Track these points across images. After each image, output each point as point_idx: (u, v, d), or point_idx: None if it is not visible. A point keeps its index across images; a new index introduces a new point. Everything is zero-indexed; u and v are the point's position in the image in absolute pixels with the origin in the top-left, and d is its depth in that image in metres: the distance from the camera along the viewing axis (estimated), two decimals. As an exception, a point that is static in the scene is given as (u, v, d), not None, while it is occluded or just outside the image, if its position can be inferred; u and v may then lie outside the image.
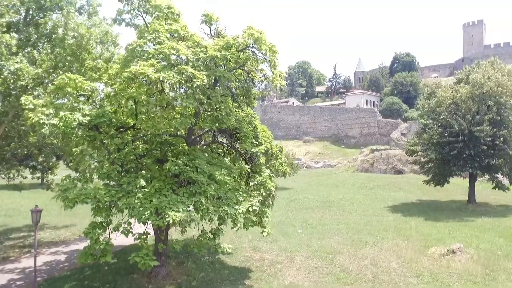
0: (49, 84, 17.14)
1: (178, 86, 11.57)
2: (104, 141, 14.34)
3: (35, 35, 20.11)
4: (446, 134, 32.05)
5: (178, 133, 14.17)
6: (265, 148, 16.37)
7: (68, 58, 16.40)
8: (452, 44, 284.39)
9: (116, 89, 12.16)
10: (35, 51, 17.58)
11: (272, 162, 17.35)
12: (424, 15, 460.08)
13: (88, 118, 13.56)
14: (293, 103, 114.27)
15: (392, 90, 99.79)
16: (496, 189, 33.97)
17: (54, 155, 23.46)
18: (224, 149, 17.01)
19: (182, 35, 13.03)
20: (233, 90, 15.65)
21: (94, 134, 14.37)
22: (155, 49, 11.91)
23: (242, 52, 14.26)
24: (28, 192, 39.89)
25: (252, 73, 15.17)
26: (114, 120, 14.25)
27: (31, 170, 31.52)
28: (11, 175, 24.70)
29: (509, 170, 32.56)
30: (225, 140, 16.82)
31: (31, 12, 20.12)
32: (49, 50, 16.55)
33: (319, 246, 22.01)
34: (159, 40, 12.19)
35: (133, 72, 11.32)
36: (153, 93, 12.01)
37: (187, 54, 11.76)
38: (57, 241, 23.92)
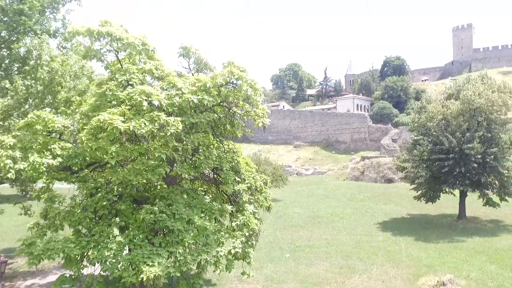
0: (20, 116, 16.24)
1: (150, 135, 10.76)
2: (75, 183, 13.51)
3: (7, 59, 19.20)
4: (436, 151, 31.59)
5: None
6: (248, 185, 15.68)
7: (39, 89, 15.46)
8: (442, 47, 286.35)
9: (84, 137, 11.31)
10: (7, 81, 16.64)
11: (256, 197, 16.59)
12: (415, 18, 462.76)
13: (60, 159, 12.72)
14: (283, 107, 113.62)
15: (383, 94, 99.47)
16: (487, 206, 33.55)
17: (30, 181, 22.45)
18: (205, 185, 16.22)
19: (157, 75, 12.22)
20: (216, 118, 14.97)
21: (65, 176, 13.54)
22: (127, 92, 11.07)
23: (223, 87, 13.49)
24: (7, 207, 38.64)
25: (233, 108, 14.41)
26: (87, 157, 13.38)
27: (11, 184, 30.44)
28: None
29: (499, 187, 32.18)
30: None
31: (3, 35, 19.19)
32: (19, 82, 15.59)
33: (306, 275, 21.36)
34: (130, 82, 11.38)
35: (101, 121, 10.51)
36: (124, 142, 11.19)
37: (160, 99, 10.96)
38: (34, 270, 22.91)
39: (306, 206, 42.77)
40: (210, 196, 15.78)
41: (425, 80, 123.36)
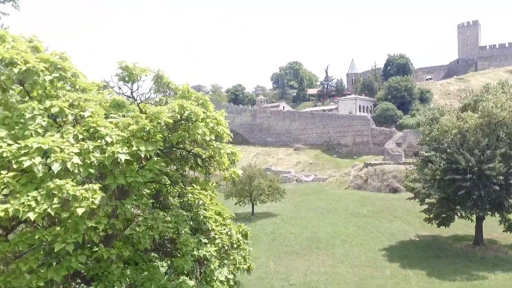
0: None
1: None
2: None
3: None
4: (451, 170, 27.65)
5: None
6: (220, 245, 11.92)
7: None
8: (446, 45, 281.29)
9: None
10: None
11: (232, 257, 12.79)
12: (418, 15, 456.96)
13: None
14: (283, 107, 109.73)
15: (386, 95, 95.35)
16: (508, 232, 29.61)
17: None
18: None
19: (71, 117, 8.32)
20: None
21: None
22: (16, 148, 7.28)
23: (177, 124, 9.69)
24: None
25: (196, 148, 10.62)
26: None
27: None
28: None
29: (523, 211, 28.26)
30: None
31: None
32: None
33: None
34: (26, 132, 7.57)
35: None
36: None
37: (67, 159, 7.18)
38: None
39: (304, 224, 38.93)
40: (169, 261, 11.98)
41: (429, 79, 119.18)
